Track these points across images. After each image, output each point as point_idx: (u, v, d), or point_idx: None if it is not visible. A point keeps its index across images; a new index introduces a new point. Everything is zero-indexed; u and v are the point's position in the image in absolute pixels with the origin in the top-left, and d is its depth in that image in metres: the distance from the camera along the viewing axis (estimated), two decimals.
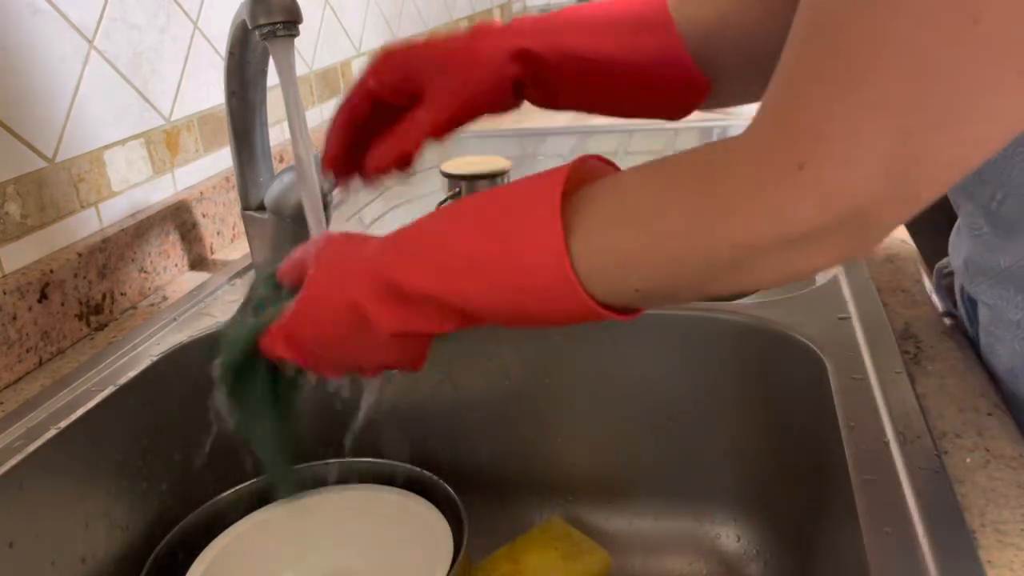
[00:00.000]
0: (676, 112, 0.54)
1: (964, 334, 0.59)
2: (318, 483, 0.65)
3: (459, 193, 0.76)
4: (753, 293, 0.38)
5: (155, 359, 0.67)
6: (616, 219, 0.36)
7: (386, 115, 0.51)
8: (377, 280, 0.41)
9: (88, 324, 0.72)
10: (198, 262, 0.87)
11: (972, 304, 0.57)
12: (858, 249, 0.33)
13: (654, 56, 0.51)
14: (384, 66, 0.50)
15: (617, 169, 0.41)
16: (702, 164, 0.34)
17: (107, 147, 0.78)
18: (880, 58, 0.28)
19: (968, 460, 0.46)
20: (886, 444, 0.48)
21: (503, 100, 0.50)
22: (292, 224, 0.77)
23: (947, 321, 0.61)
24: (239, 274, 0.83)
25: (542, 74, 0.50)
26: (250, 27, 0.63)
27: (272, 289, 0.49)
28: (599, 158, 0.41)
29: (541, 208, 0.37)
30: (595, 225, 0.36)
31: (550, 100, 0.52)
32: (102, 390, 0.62)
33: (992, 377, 0.54)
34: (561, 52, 0.49)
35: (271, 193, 0.77)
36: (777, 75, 0.32)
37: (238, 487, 0.65)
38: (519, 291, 0.38)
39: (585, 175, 0.39)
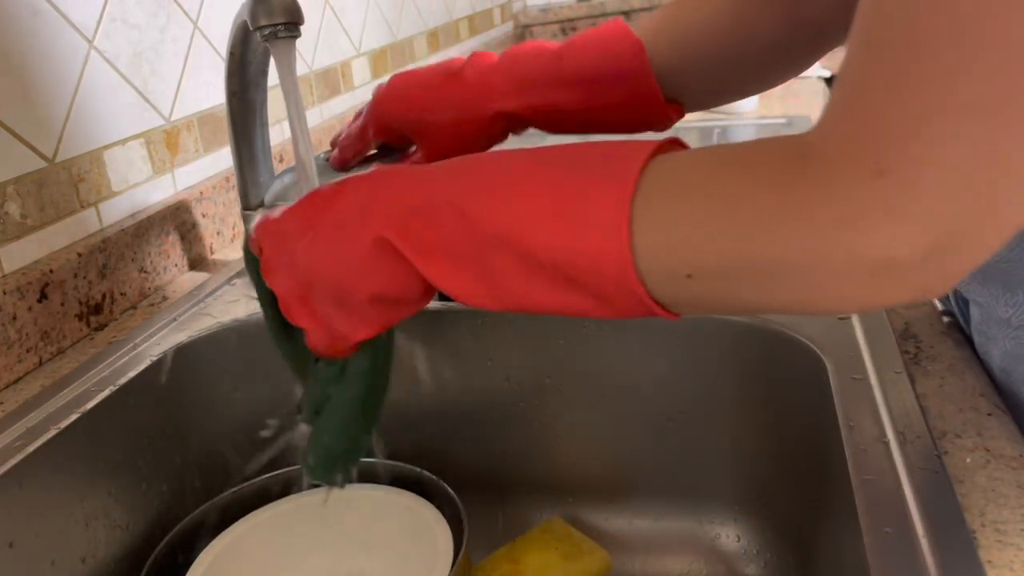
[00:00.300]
0: (654, 129, 0.57)
1: (963, 333, 0.59)
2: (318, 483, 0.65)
3: None
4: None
5: (155, 359, 0.67)
6: (679, 199, 0.33)
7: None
8: (398, 180, 0.40)
9: (88, 324, 0.72)
10: (198, 262, 0.87)
11: (965, 304, 0.57)
12: (937, 282, 0.29)
13: (626, 103, 0.54)
14: (381, 124, 0.59)
15: None
16: (774, 158, 0.32)
17: (107, 147, 0.78)
18: (967, 60, 0.26)
19: (968, 460, 0.46)
20: (886, 444, 0.48)
21: (491, 143, 0.59)
22: None
23: (946, 319, 0.61)
24: (239, 274, 0.83)
25: (523, 122, 0.57)
26: (251, 28, 0.63)
27: None
28: (681, 143, 0.38)
29: (620, 172, 0.34)
30: (659, 201, 0.33)
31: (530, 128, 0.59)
32: (102, 390, 0.62)
33: (991, 377, 0.54)
34: (538, 110, 0.55)
35: (272, 192, 0.77)
36: (848, 75, 0.29)
37: (238, 487, 0.65)
38: (561, 236, 0.35)
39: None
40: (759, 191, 0.31)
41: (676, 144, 0.37)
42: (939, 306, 0.63)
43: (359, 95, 1.32)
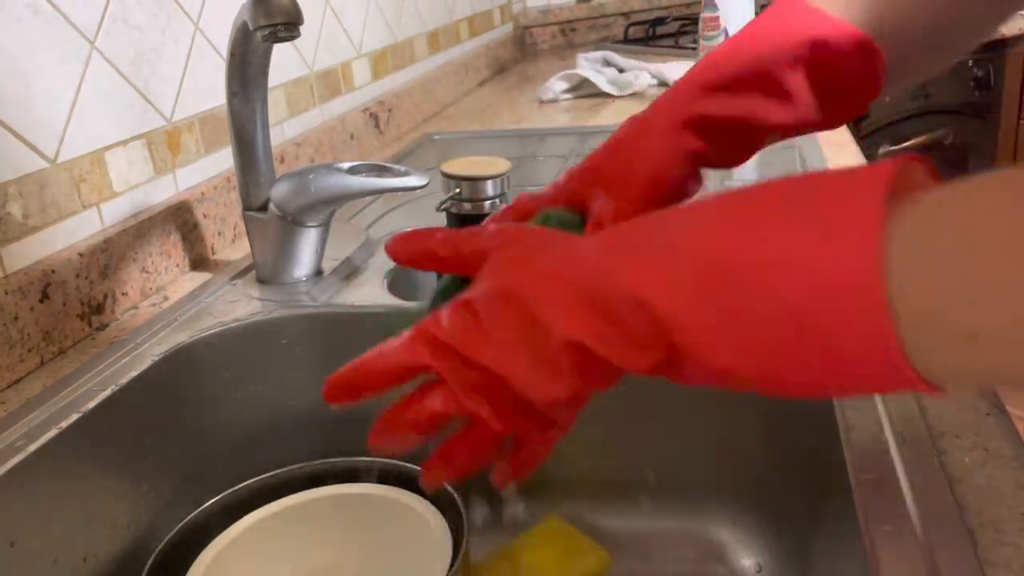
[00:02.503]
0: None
1: None
2: (318, 483, 0.65)
3: (459, 193, 0.76)
4: None
5: (156, 359, 0.67)
6: (960, 245, 0.26)
7: None
8: (579, 277, 0.33)
9: (89, 324, 0.72)
10: (199, 262, 0.87)
11: None
12: None
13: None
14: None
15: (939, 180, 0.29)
16: None
17: (108, 148, 0.78)
18: None
19: (967, 460, 0.46)
20: (885, 444, 0.48)
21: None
22: (294, 225, 0.77)
23: None
24: (240, 274, 0.83)
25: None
26: (251, 28, 0.63)
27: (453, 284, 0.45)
28: (920, 161, 0.29)
29: (854, 206, 0.27)
30: (926, 243, 0.26)
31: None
32: (103, 390, 0.62)
33: None
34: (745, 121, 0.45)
35: (276, 194, 0.77)
36: None
37: (239, 487, 0.65)
38: (790, 313, 0.28)
39: (908, 185, 0.28)
40: None
41: (912, 164, 0.29)
42: None
43: (359, 96, 1.32)
